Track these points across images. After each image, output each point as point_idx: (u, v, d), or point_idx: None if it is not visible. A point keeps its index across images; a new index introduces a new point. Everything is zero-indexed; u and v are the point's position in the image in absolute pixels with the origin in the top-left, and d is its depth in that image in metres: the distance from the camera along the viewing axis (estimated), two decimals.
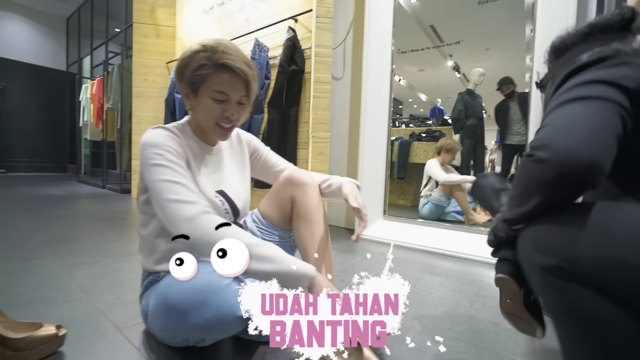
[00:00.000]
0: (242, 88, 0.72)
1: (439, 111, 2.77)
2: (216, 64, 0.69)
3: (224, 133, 0.76)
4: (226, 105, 0.72)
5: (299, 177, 0.84)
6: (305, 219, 0.82)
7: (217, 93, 0.70)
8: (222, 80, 0.70)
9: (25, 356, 0.65)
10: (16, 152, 5.78)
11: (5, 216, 2.14)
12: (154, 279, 0.76)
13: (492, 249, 0.65)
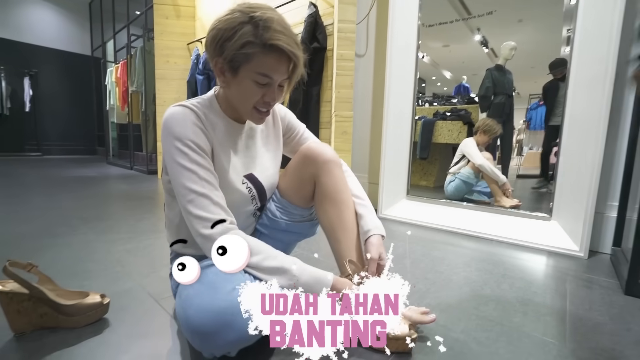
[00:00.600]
0: (287, 70, 0.65)
1: (464, 89, 2.65)
2: (265, 44, 0.60)
3: (260, 117, 0.69)
4: (268, 89, 0.65)
5: (320, 154, 0.77)
6: (332, 200, 0.77)
7: (261, 76, 0.63)
8: (269, 63, 0.62)
9: (76, 321, 0.71)
10: (50, 135, 6.08)
11: (47, 196, 2.28)
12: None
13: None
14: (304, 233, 0.86)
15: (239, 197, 0.73)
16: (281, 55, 0.62)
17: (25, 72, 5.62)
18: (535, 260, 1.30)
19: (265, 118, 0.71)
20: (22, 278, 0.67)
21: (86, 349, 0.64)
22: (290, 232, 0.83)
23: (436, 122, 2.50)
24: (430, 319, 0.71)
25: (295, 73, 0.67)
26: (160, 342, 0.68)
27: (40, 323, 0.69)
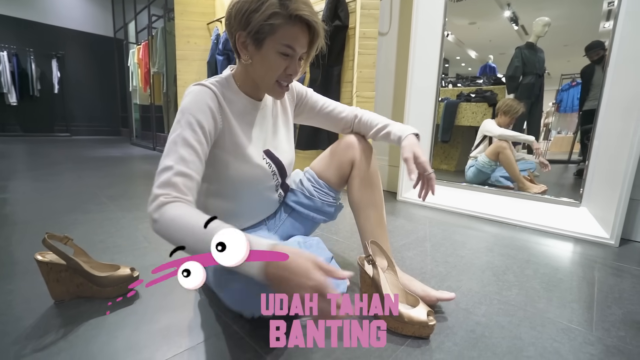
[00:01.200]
0: (307, 43, 0.67)
1: (490, 69, 2.50)
2: (291, 15, 0.61)
3: (282, 92, 0.71)
4: (290, 62, 0.66)
5: (361, 141, 0.85)
6: (367, 181, 0.83)
7: (286, 47, 0.64)
8: (293, 34, 0.63)
9: (108, 292, 0.75)
10: (77, 117, 6.29)
11: (76, 175, 2.39)
12: None
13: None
14: (330, 215, 0.89)
15: (262, 172, 0.75)
16: (304, 26, 0.64)
17: (52, 54, 5.78)
18: (561, 247, 1.26)
19: (286, 91, 0.73)
20: (59, 250, 0.71)
21: (119, 318, 0.68)
22: (322, 211, 0.87)
23: (459, 104, 2.40)
24: (449, 296, 0.74)
25: (313, 47, 0.68)
26: (186, 314, 0.71)
27: (77, 292, 0.73)
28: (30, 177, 2.19)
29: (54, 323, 0.66)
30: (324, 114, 0.90)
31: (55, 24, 5.83)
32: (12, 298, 0.74)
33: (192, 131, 0.61)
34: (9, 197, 1.63)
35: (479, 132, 2.15)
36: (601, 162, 1.36)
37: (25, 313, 0.69)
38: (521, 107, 2.03)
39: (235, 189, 0.74)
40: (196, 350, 0.59)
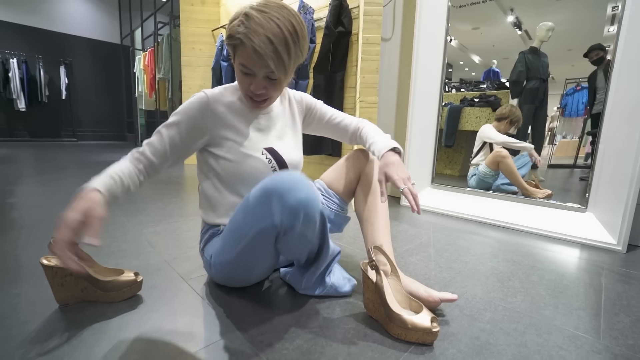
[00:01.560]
0: (266, 65, 0.67)
1: (494, 74, 2.50)
2: (242, 36, 0.66)
3: (254, 106, 0.77)
4: (252, 79, 0.72)
5: (366, 154, 0.91)
6: (372, 189, 0.87)
7: (242, 66, 0.71)
8: (246, 54, 0.68)
9: (112, 296, 0.75)
10: (84, 122, 6.38)
11: (82, 180, 2.41)
12: (215, 232, 0.82)
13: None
14: (337, 225, 0.94)
15: (257, 163, 0.79)
16: (253, 49, 0.66)
17: (60, 60, 5.88)
18: (567, 252, 1.24)
19: (261, 107, 0.78)
20: None
21: (122, 322, 0.68)
22: (329, 220, 0.90)
23: (463, 109, 2.40)
24: (451, 297, 0.74)
25: (278, 67, 0.68)
26: (189, 318, 0.71)
27: (81, 296, 0.74)
28: (37, 182, 2.21)
29: (59, 327, 0.66)
30: (332, 125, 0.94)
31: (64, 32, 5.94)
32: (17, 302, 0.75)
33: (168, 128, 0.76)
34: (16, 202, 1.65)
35: (478, 138, 2.15)
36: (607, 166, 1.35)
37: (30, 317, 0.69)
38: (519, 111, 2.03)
39: (236, 179, 0.79)
40: (199, 356, 0.59)
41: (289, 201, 0.61)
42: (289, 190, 0.61)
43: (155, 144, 0.76)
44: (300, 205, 0.61)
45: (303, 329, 0.69)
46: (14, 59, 5.39)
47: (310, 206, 0.63)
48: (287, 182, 0.62)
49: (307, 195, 0.62)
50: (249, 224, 0.66)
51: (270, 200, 0.62)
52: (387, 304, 0.67)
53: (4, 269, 0.91)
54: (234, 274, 0.78)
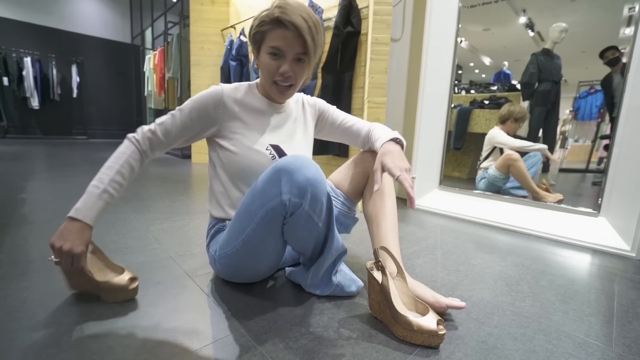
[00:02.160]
0: (299, 44, 0.72)
1: (504, 76, 2.46)
2: (272, 19, 0.71)
3: (280, 92, 0.78)
4: (282, 62, 0.74)
5: (374, 155, 0.89)
6: (380, 192, 0.86)
7: (272, 48, 0.73)
8: (277, 36, 0.72)
9: (106, 296, 0.75)
10: (94, 120, 6.47)
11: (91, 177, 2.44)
12: (220, 228, 0.83)
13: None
14: (345, 225, 0.94)
15: (260, 157, 0.81)
16: (286, 27, 0.71)
17: (72, 59, 5.98)
18: (578, 258, 1.22)
19: (288, 94, 0.79)
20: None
21: (127, 319, 0.69)
22: (337, 221, 0.91)
23: (473, 111, 2.37)
24: (459, 304, 0.72)
25: (308, 46, 0.72)
26: (193, 316, 0.71)
27: (87, 287, 0.74)
28: (48, 179, 2.25)
29: (66, 321, 0.67)
30: (344, 130, 0.95)
31: (76, 31, 6.04)
32: (27, 295, 0.76)
33: (181, 112, 0.79)
34: (27, 198, 1.68)
35: (487, 142, 2.12)
36: (621, 170, 1.32)
37: (39, 310, 0.70)
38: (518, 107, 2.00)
39: (238, 171, 0.81)
40: (203, 353, 0.59)
41: (298, 179, 0.63)
42: (299, 169, 0.64)
43: (168, 125, 0.78)
44: (308, 183, 0.63)
45: (307, 328, 0.68)
46: (28, 57, 5.49)
47: (317, 185, 0.65)
48: (297, 161, 0.65)
49: (314, 174, 0.65)
50: (257, 205, 0.68)
51: (280, 178, 0.64)
52: (392, 305, 0.66)
53: (14, 263, 0.92)
54: (239, 267, 0.78)
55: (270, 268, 0.82)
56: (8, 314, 0.68)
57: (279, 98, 0.81)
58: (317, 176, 0.65)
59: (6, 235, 1.14)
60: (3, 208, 1.47)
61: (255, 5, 2.88)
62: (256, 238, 0.70)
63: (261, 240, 0.71)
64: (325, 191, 0.68)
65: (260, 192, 0.67)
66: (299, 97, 0.93)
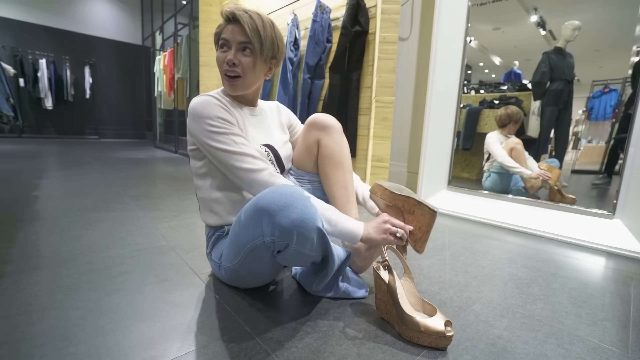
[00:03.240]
0: (239, 33, 0.74)
1: (515, 76, 2.41)
2: (223, 19, 0.77)
3: (229, 83, 0.78)
4: (227, 52, 0.76)
5: (322, 121, 0.85)
6: (330, 162, 0.85)
7: (222, 40, 0.77)
8: (225, 30, 0.76)
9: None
10: (106, 120, 6.58)
11: (102, 175, 2.48)
12: (220, 234, 0.82)
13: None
14: (325, 198, 0.89)
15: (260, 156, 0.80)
16: (230, 20, 0.75)
17: (85, 61, 6.10)
18: (592, 260, 1.18)
19: (236, 85, 0.78)
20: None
21: (135, 313, 0.69)
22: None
23: (482, 111, 2.33)
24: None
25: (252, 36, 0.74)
26: (200, 312, 0.71)
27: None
28: (60, 177, 2.29)
29: (75, 314, 0.67)
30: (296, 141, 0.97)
31: (90, 33, 6.16)
32: (38, 289, 0.77)
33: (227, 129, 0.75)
34: (40, 195, 1.72)
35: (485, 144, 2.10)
36: (637, 171, 1.28)
37: (50, 304, 0.71)
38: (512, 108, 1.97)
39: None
40: (208, 349, 0.59)
41: (280, 222, 0.59)
42: (280, 210, 0.59)
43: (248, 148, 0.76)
44: (293, 226, 0.59)
45: (313, 327, 0.68)
46: (43, 59, 5.62)
47: (303, 227, 0.59)
48: (279, 200, 0.59)
49: (300, 215, 0.59)
50: (243, 239, 0.66)
51: (261, 220, 0.60)
52: (399, 305, 0.65)
53: (27, 258, 0.94)
54: (241, 279, 0.78)
55: (272, 276, 0.81)
56: (20, 307, 0.69)
57: (229, 90, 0.80)
58: (302, 216, 0.59)
59: (19, 231, 1.16)
60: (17, 204, 1.50)
61: (264, 5, 2.90)
62: (250, 263, 0.69)
63: (255, 264, 0.70)
64: (315, 226, 0.61)
65: (244, 227, 0.65)
66: (274, 104, 0.97)
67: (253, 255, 0.67)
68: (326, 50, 2.13)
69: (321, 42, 2.09)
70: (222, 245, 0.79)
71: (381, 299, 0.71)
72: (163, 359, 0.56)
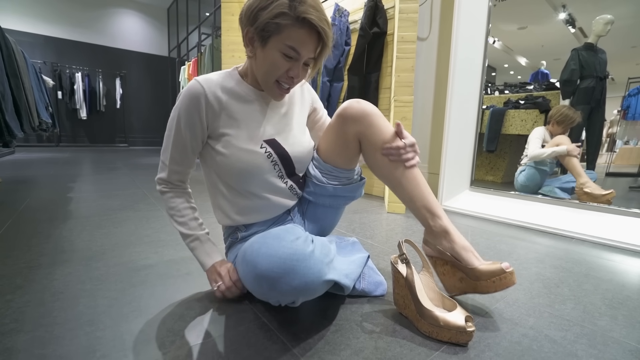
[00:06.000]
0: (314, 49, 0.66)
1: (542, 76, 2.31)
2: (298, 17, 0.61)
3: (280, 93, 0.71)
4: (293, 64, 0.66)
5: (357, 111, 0.72)
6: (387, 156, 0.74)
7: (289, 49, 0.64)
8: (298, 36, 0.63)
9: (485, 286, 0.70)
10: (135, 129, 6.91)
11: (130, 179, 2.60)
12: (234, 240, 0.80)
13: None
14: (351, 196, 0.83)
15: (255, 158, 0.71)
16: (312, 31, 0.63)
17: (117, 73, 6.46)
18: (628, 262, 1.11)
19: (285, 95, 0.73)
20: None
21: (156, 302, 0.72)
22: (339, 196, 0.81)
23: (507, 112, 2.25)
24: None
25: (322, 54, 0.67)
26: (219, 304, 0.73)
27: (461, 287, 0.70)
28: (93, 180, 2.43)
29: (102, 303, 0.71)
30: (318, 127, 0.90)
31: (120, 47, 6.53)
32: (70, 279, 0.82)
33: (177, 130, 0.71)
34: (74, 196, 1.82)
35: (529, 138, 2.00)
36: None
37: (80, 293, 0.75)
38: (577, 116, 1.84)
39: (233, 176, 0.73)
40: (226, 338, 0.60)
41: (282, 289, 0.55)
42: (281, 278, 0.54)
43: (176, 166, 0.75)
44: (296, 291, 0.56)
45: (329, 320, 0.67)
46: (79, 73, 6.00)
47: (308, 289, 0.56)
48: (278, 267, 0.55)
49: (302, 280, 0.55)
50: (249, 285, 0.63)
51: (262, 284, 0.57)
52: (417, 300, 0.64)
53: (61, 252, 1.00)
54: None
55: None
56: (53, 295, 0.74)
57: (276, 98, 0.73)
58: (305, 280, 0.55)
59: (55, 228, 1.24)
60: (54, 205, 1.60)
61: None
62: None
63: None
64: (321, 281, 0.57)
65: (248, 283, 0.62)
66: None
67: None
68: (345, 53, 2.14)
69: (340, 45, 2.10)
70: (236, 249, 0.77)
71: (399, 294, 0.69)
72: (184, 346, 0.57)
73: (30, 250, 1.01)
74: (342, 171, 0.79)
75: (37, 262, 0.92)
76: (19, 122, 1.97)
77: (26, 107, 2.05)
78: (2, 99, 1.78)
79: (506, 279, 0.67)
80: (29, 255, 0.97)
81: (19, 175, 2.55)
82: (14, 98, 1.94)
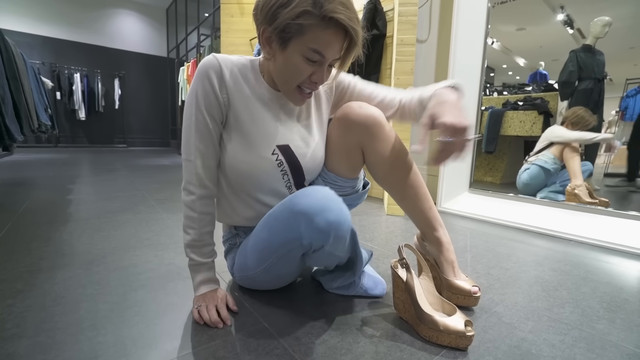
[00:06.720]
0: (340, 49, 0.59)
1: (541, 77, 2.33)
2: (324, 16, 0.53)
3: (302, 99, 0.65)
4: (317, 68, 0.60)
5: (361, 118, 0.67)
6: (391, 166, 0.72)
7: (313, 52, 0.57)
8: (325, 38, 0.55)
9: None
10: (133, 129, 6.90)
11: (130, 180, 2.60)
12: (232, 245, 0.81)
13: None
14: (354, 203, 0.82)
15: (264, 166, 0.67)
16: (338, 31, 0.56)
17: (115, 74, 6.45)
18: (626, 265, 1.12)
19: (306, 100, 0.66)
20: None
21: (159, 307, 0.72)
22: (349, 203, 0.80)
23: (505, 113, 2.27)
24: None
25: (349, 54, 0.60)
26: None
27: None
28: (92, 182, 2.42)
29: (104, 308, 0.71)
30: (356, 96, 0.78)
31: (119, 48, 6.52)
32: (71, 283, 0.82)
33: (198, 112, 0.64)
34: (73, 198, 1.82)
35: (544, 137, 1.98)
36: None
37: (81, 297, 0.75)
38: (593, 119, 1.84)
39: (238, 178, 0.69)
40: (227, 343, 0.60)
41: (319, 224, 0.56)
42: (320, 212, 0.56)
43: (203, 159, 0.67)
44: (331, 227, 0.56)
45: (330, 325, 0.68)
46: (77, 73, 5.99)
47: (340, 228, 0.58)
48: (317, 203, 0.56)
49: (337, 216, 0.57)
50: (275, 244, 0.63)
51: (299, 222, 0.57)
52: (417, 304, 0.64)
53: (61, 255, 1.00)
54: (259, 284, 0.76)
55: (292, 279, 0.80)
56: (54, 299, 0.74)
57: (296, 103, 0.67)
58: (340, 218, 0.57)
59: (55, 231, 1.24)
60: (54, 207, 1.60)
61: None
62: (277, 267, 0.68)
63: (280, 268, 0.68)
64: (349, 227, 0.61)
65: (278, 232, 0.62)
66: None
67: (284, 260, 0.65)
68: None
69: None
70: (234, 256, 0.78)
71: (399, 298, 0.70)
72: (184, 350, 0.58)
73: (31, 253, 1.01)
74: (347, 180, 0.76)
75: (37, 265, 0.92)
76: (19, 126, 1.97)
77: (26, 110, 2.04)
78: (2, 103, 1.78)
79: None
80: (29, 259, 0.97)
81: (18, 177, 2.54)
82: (14, 101, 1.93)
